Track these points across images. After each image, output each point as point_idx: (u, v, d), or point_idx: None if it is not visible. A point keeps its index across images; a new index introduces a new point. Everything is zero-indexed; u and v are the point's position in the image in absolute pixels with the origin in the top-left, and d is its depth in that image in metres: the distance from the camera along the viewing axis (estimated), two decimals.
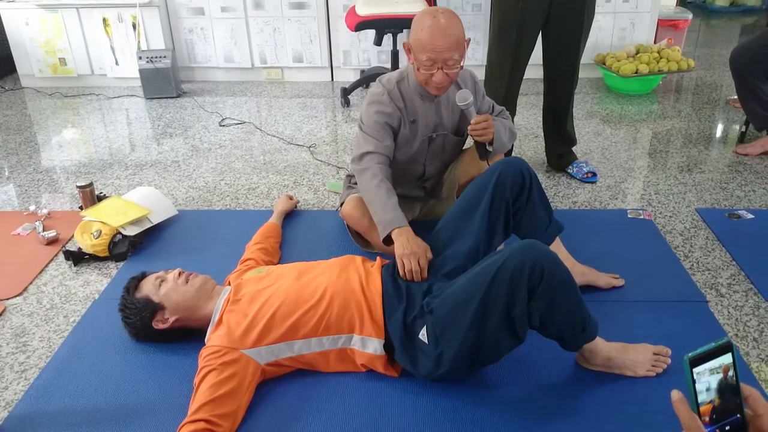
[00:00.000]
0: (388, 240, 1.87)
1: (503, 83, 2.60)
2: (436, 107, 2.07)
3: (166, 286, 1.70)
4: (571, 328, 1.53)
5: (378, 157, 1.98)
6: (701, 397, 0.74)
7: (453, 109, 2.10)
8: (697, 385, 0.74)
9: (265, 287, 1.68)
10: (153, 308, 1.69)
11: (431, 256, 1.78)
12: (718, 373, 0.75)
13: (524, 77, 2.68)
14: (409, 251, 1.75)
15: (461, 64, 1.91)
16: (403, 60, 3.90)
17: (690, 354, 0.74)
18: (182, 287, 1.70)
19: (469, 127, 1.95)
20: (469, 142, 2.19)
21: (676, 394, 0.75)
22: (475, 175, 1.91)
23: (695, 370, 0.74)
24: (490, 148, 2.01)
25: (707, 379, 0.74)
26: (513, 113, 2.66)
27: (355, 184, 2.27)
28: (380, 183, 1.93)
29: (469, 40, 1.95)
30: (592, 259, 2.04)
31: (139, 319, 1.70)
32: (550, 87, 2.71)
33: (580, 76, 4.17)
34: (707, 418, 0.75)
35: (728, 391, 0.76)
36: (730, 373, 0.75)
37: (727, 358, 0.76)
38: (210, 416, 1.44)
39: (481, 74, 2.57)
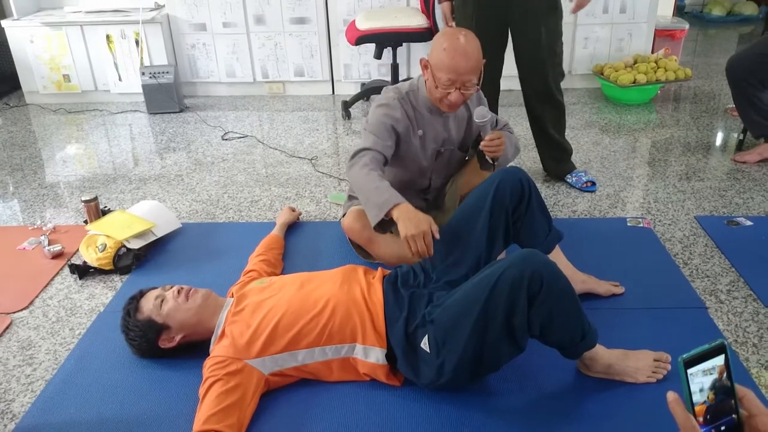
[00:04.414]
0: (385, 225, 1.79)
1: None
2: (444, 121, 2.10)
3: (168, 306, 1.69)
4: (570, 337, 1.54)
5: (373, 153, 1.94)
6: (695, 398, 0.76)
7: (459, 124, 2.14)
8: (691, 386, 0.76)
9: (267, 297, 1.70)
10: (157, 329, 1.69)
11: (436, 227, 1.71)
12: (712, 374, 0.77)
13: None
14: (414, 231, 1.67)
15: (478, 86, 1.96)
16: (403, 74, 3.94)
17: (685, 355, 0.76)
18: (184, 305, 1.70)
19: (483, 143, 1.98)
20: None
21: (671, 395, 0.77)
22: (475, 185, 1.93)
23: (689, 371, 0.75)
24: (494, 162, 2.04)
25: (701, 379, 0.76)
26: None
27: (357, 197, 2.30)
28: (371, 171, 1.87)
29: (485, 61, 1.97)
30: (592, 267, 2.05)
31: (145, 340, 1.71)
32: (527, 101, 2.73)
33: (578, 86, 4.25)
34: (701, 419, 0.76)
35: (722, 391, 0.77)
36: (724, 373, 0.77)
37: (720, 360, 0.77)
38: (217, 427, 1.45)
39: None
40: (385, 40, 3.45)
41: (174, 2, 4.07)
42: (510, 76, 2.71)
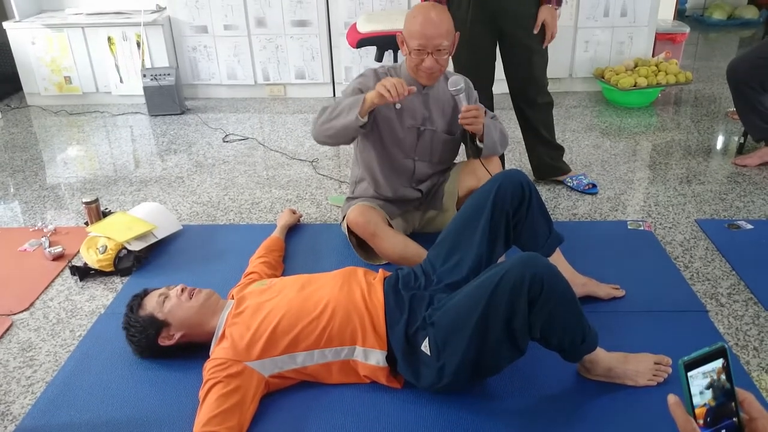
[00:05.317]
0: (364, 123, 1.96)
1: None
2: (424, 99, 2.14)
3: (170, 303, 1.71)
4: (571, 340, 1.54)
5: None
6: (696, 400, 0.76)
7: (443, 107, 2.17)
8: (691, 389, 0.76)
9: (267, 300, 1.70)
10: (158, 326, 1.70)
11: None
12: (712, 376, 0.77)
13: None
14: (383, 81, 1.89)
15: (450, 52, 2.04)
16: None
17: (685, 358, 0.76)
18: (186, 303, 1.71)
19: (460, 115, 2.01)
20: (464, 157, 2.21)
21: (672, 398, 0.77)
22: (474, 188, 1.94)
23: (690, 373, 0.75)
24: (480, 145, 2.05)
25: (701, 382, 0.76)
26: None
27: (356, 197, 2.30)
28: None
29: (458, 34, 2.05)
30: (592, 270, 2.05)
31: (145, 336, 1.72)
32: (516, 106, 2.75)
33: (578, 89, 4.26)
34: (702, 421, 0.76)
35: (722, 394, 0.77)
36: (724, 376, 0.77)
37: (720, 363, 0.77)
38: (217, 429, 1.45)
39: None
40: (386, 43, 3.45)
41: (175, 4, 4.08)
42: (505, 80, 2.72)
